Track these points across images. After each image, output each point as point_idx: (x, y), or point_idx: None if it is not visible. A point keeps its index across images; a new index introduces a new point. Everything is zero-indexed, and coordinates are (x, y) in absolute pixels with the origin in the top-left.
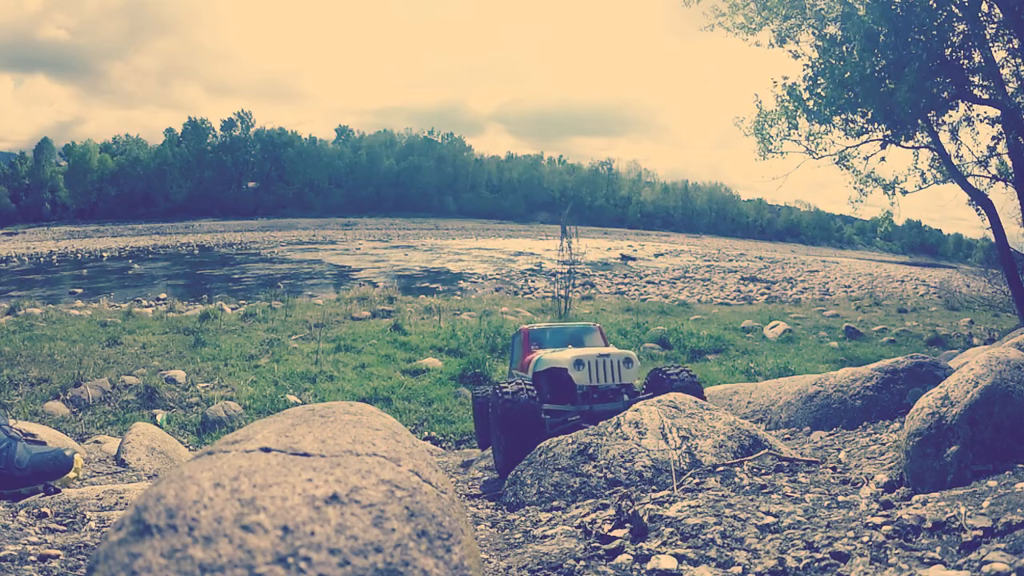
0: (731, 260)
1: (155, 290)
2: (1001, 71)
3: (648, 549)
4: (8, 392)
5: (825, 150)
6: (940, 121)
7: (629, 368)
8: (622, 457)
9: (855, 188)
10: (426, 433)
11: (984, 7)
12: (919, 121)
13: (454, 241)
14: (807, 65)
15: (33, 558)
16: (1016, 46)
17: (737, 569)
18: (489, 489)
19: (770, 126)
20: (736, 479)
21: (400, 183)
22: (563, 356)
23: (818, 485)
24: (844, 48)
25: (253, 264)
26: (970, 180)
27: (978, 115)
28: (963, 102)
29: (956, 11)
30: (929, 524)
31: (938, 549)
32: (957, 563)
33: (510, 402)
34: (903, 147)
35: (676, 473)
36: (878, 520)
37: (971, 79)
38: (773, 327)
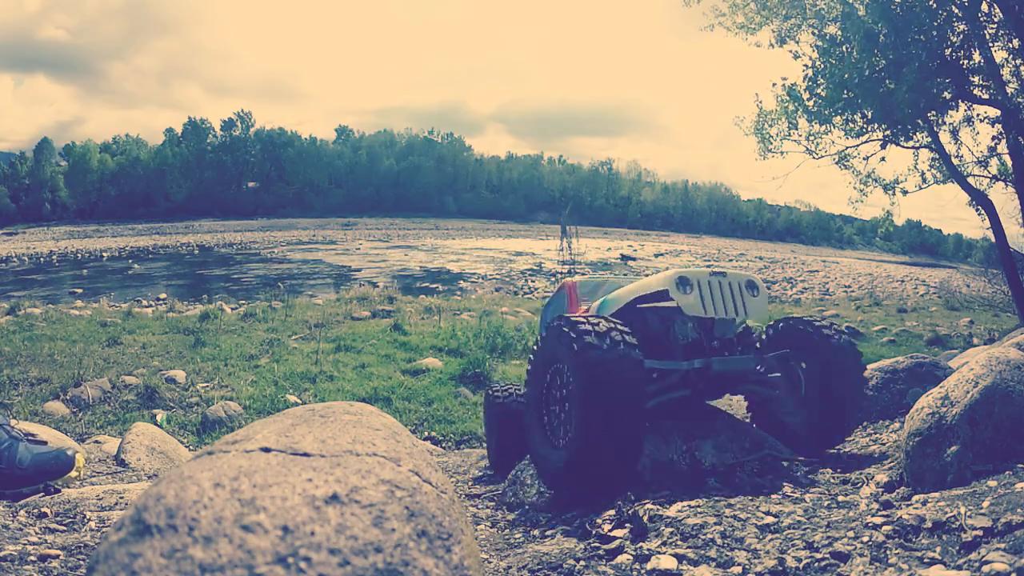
0: (731, 260)
1: (155, 290)
2: (1001, 71)
3: (648, 549)
4: (8, 392)
5: (825, 150)
6: (940, 121)
7: (755, 296)
8: None
9: (855, 188)
10: (426, 433)
11: (984, 7)
12: (919, 121)
13: (454, 241)
14: (807, 65)
15: (33, 558)
16: (1016, 46)
17: (737, 569)
18: (488, 489)
19: (770, 126)
20: (736, 479)
21: (400, 183)
22: (650, 281)
23: (818, 485)
24: (844, 48)
25: (253, 264)
26: (970, 180)
27: (978, 115)
28: (963, 102)
29: (956, 11)
30: (929, 524)
31: (938, 549)
32: (957, 563)
33: (597, 351)
34: (903, 147)
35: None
36: (878, 520)
37: (971, 79)
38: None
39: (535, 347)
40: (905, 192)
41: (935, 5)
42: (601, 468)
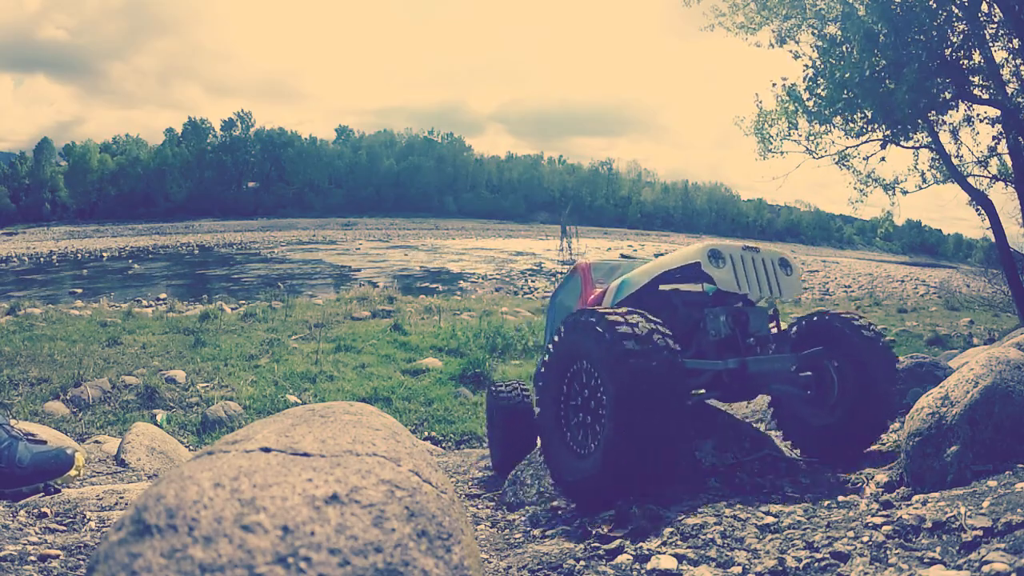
0: None
1: (155, 290)
2: (1001, 71)
3: (648, 549)
4: (8, 392)
5: (825, 150)
6: (940, 121)
7: (789, 274)
8: None
9: (855, 188)
10: (426, 433)
11: (984, 7)
12: (919, 121)
13: (454, 241)
14: (807, 65)
15: (33, 558)
16: (1016, 46)
17: (737, 569)
18: (488, 489)
19: (770, 126)
20: (736, 479)
21: (400, 183)
22: (677, 255)
23: (818, 485)
24: (844, 48)
25: (253, 264)
26: (970, 180)
27: (978, 115)
28: (963, 102)
29: (956, 11)
30: (929, 524)
31: (938, 549)
32: (957, 563)
33: (639, 358)
34: (903, 147)
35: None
36: (878, 520)
37: (971, 79)
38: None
39: (554, 341)
40: (905, 192)
41: (935, 5)
42: (638, 480)
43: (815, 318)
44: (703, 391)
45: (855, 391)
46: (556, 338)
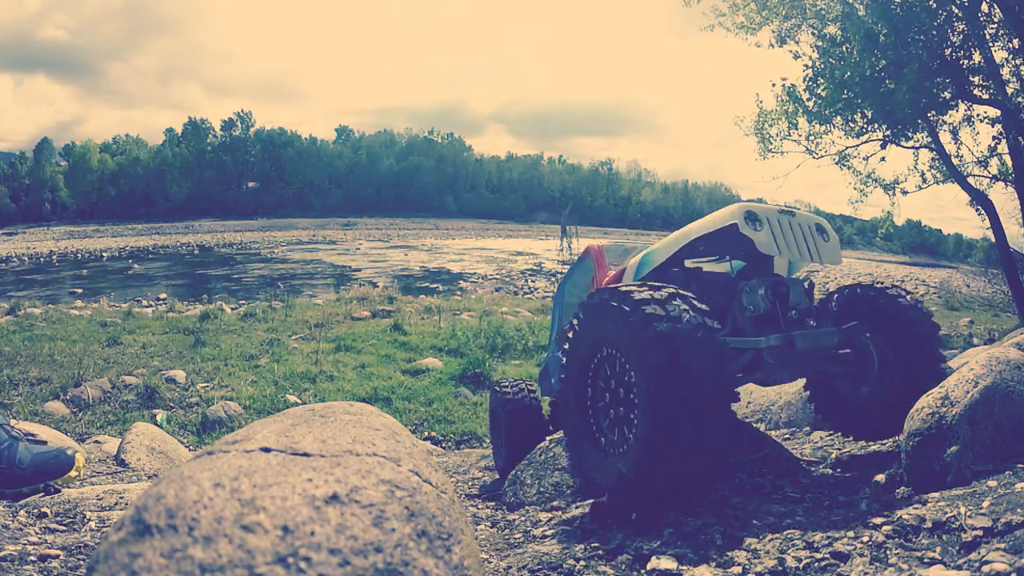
0: None
1: (155, 290)
2: (1001, 71)
3: (648, 549)
4: (8, 392)
5: (825, 150)
6: (940, 121)
7: (827, 241)
8: None
9: (855, 188)
10: (426, 433)
11: (984, 7)
12: (919, 121)
13: (454, 241)
14: (807, 65)
15: (33, 558)
16: (1016, 46)
17: (737, 569)
18: (488, 489)
19: (770, 126)
20: (736, 479)
21: (400, 183)
22: (705, 221)
23: (818, 485)
24: (844, 48)
25: (253, 264)
26: (970, 180)
27: (978, 115)
28: (963, 102)
29: (956, 11)
30: (929, 524)
31: (938, 549)
32: (957, 563)
33: (663, 323)
34: (903, 147)
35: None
36: (878, 520)
37: (971, 79)
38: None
39: (571, 330)
40: (905, 192)
41: (935, 5)
42: (681, 479)
43: (847, 291)
44: (740, 375)
45: (896, 365)
46: (575, 322)
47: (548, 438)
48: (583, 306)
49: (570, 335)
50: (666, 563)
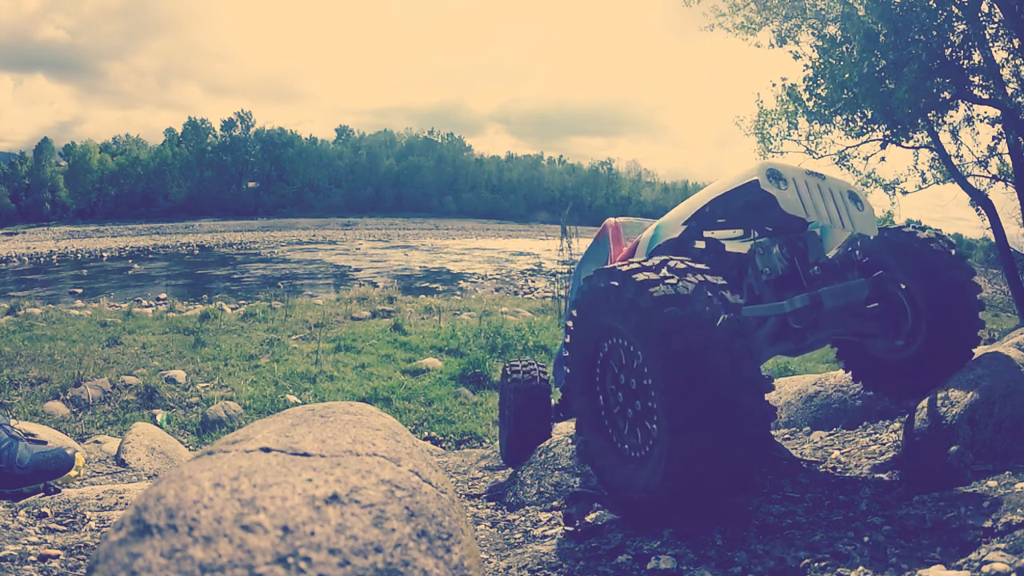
0: None
1: (155, 290)
2: (1001, 71)
3: (648, 549)
4: (8, 392)
5: (825, 150)
6: (940, 121)
7: (861, 210)
8: None
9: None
10: (426, 433)
11: (984, 7)
12: (919, 121)
13: (454, 241)
14: (807, 65)
15: (33, 558)
16: (1016, 46)
17: (737, 569)
18: (489, 489)
19: (770, 126)
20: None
21: (400, 183)
22: (721, 183)
23: (818, 485)
24: (844, 48)
25: (253, 264)
26: (970, 180)
27: (978, 115)
28: (963, 102)
29: (956, 11)
30: (929, 524)
31: (938, 549)
32: (957, 563)
33: (672, 304)
34: (903, 147)
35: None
36: (878, 520)
37: (971, 79)
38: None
39: (572, 317)
40: (905, 192)
41: (935, 5)
42: (716, 488)
43: (871, 236)
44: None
45: (931, 316)
46: (574, 312)
47: (550, 438)
48: (581, 292)
49: (570, 325)
50: (666, 563)
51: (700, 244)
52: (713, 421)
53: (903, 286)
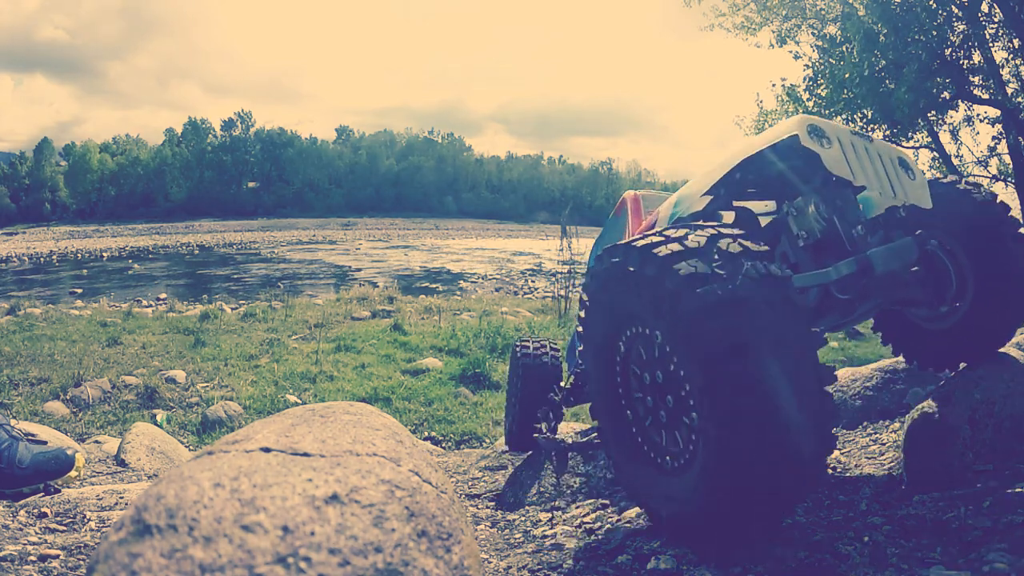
0: None
1: (155, 290)
2: (1001, 71)
3: (648, 549)
4: (8, 392)
5: None
6: (940, 121)
7: (912, 178)
8: None
9: None
10: (426, 433)
11: (984, 7)
12: (919, 121)
13: (454, 241)
14: (807, 65)
15: (33, 558)
16: (1016, 46)
17: (737, 569)
18: (489, 489)
19: (770, 126)
20: None
21: (400, 183)
22: (756, 139)
23: (818, 485)
24: (844, 48)
25: (253, 264)
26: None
27: (978, 115)
28: (963, 102)
29: (956, 11)
30: (929, 524)
31: (938, 549)
32: (957, 563)
33: (704, 281)
34: (903, 147)
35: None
36: (878, 520)
37: (971, 79)
38: None
39: (583, 303)
40: None
41: (935, 5)
42: (771, 503)
43: (925, 208)
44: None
45: (977, 277)
46: (584, 298)
47: (561, 420)
48: (591, 274)
49: (582, 315)
50: (666, 563)
51: (727, 217)
52: (771, 430)
53: (948, 247)
